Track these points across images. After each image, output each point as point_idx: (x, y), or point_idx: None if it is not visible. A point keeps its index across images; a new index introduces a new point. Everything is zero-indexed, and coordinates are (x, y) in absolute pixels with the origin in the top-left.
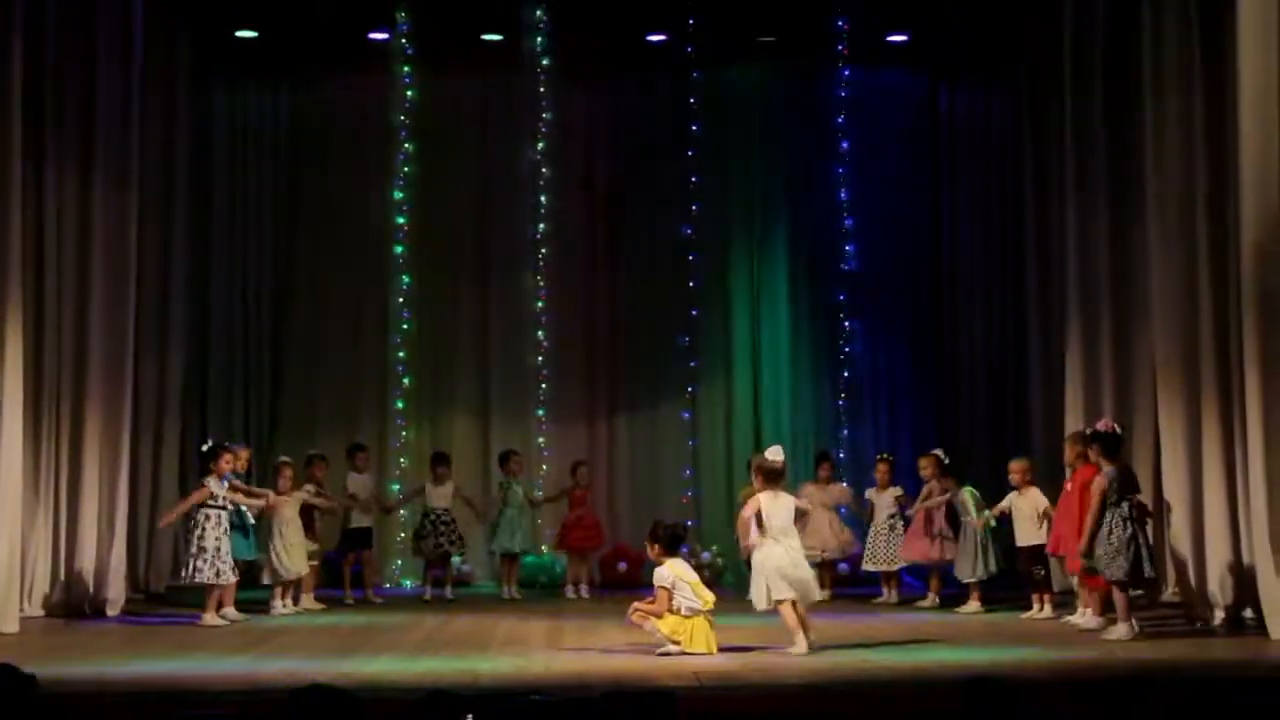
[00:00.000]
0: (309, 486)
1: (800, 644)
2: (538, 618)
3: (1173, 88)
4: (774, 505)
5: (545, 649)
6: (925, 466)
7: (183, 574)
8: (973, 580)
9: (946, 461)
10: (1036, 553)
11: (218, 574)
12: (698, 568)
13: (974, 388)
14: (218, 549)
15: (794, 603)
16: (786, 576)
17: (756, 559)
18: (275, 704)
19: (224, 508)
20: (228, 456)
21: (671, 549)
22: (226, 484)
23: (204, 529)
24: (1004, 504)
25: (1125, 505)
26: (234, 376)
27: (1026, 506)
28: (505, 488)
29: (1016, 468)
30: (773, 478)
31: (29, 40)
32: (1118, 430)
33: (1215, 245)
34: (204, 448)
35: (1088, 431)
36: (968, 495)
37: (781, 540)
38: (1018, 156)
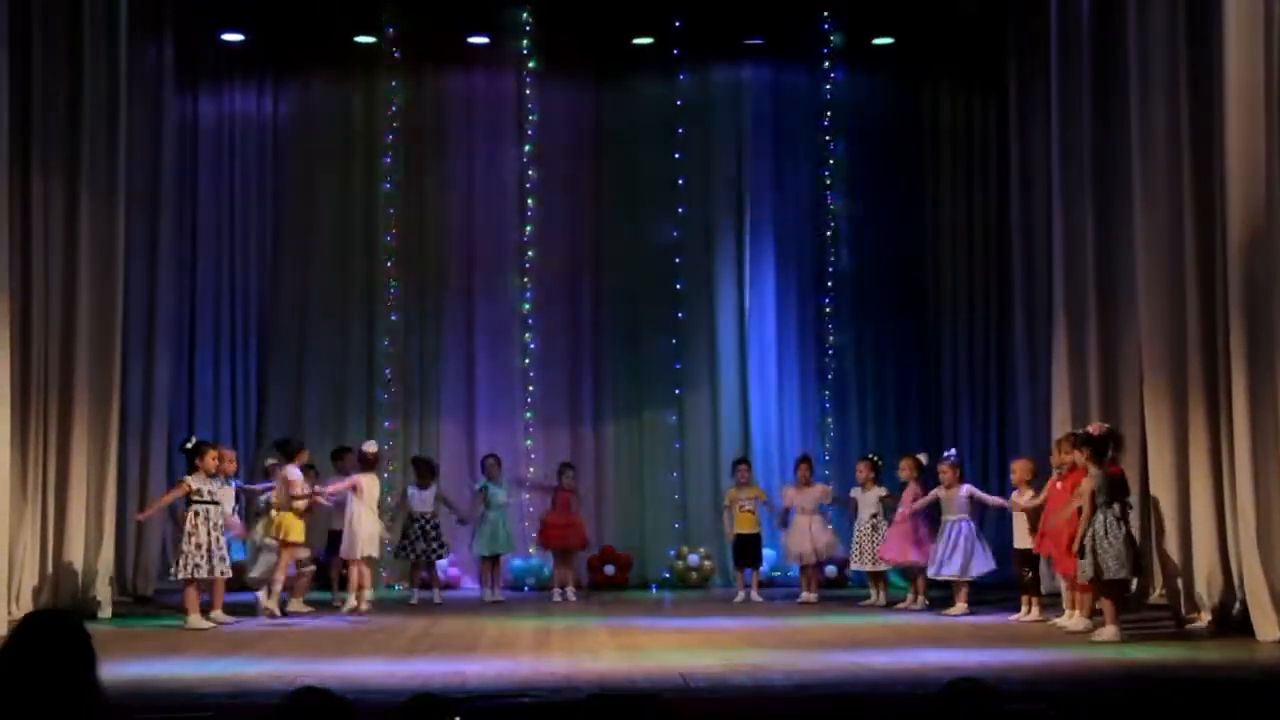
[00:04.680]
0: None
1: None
2: (525, 620)
3: (1159, 85)
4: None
5: (532, 651)
6: (905, 468)
7: (173, 571)
8: (960, 580)
9: (925, 463)
10: (1028, 554)
11: (212, 569)
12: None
13: (959, 390)
14: (211, 544)
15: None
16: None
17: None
18: (262, 706)
19: (214, 503)
20: (213, 454)
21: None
22: (233, 486)
23: (195, 525)
24: (1006, 502)
25: (1117, 506)
26: (221, 378)
27: (1025, 508)
28: (484, 490)
29: (1020, 467)
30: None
31: (15, 43)
32: (1112, 432)
33: (1202, 244)
34: (187, 445)
35: (1079, 433)
36: (973, 491)
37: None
38: (1003, 158)
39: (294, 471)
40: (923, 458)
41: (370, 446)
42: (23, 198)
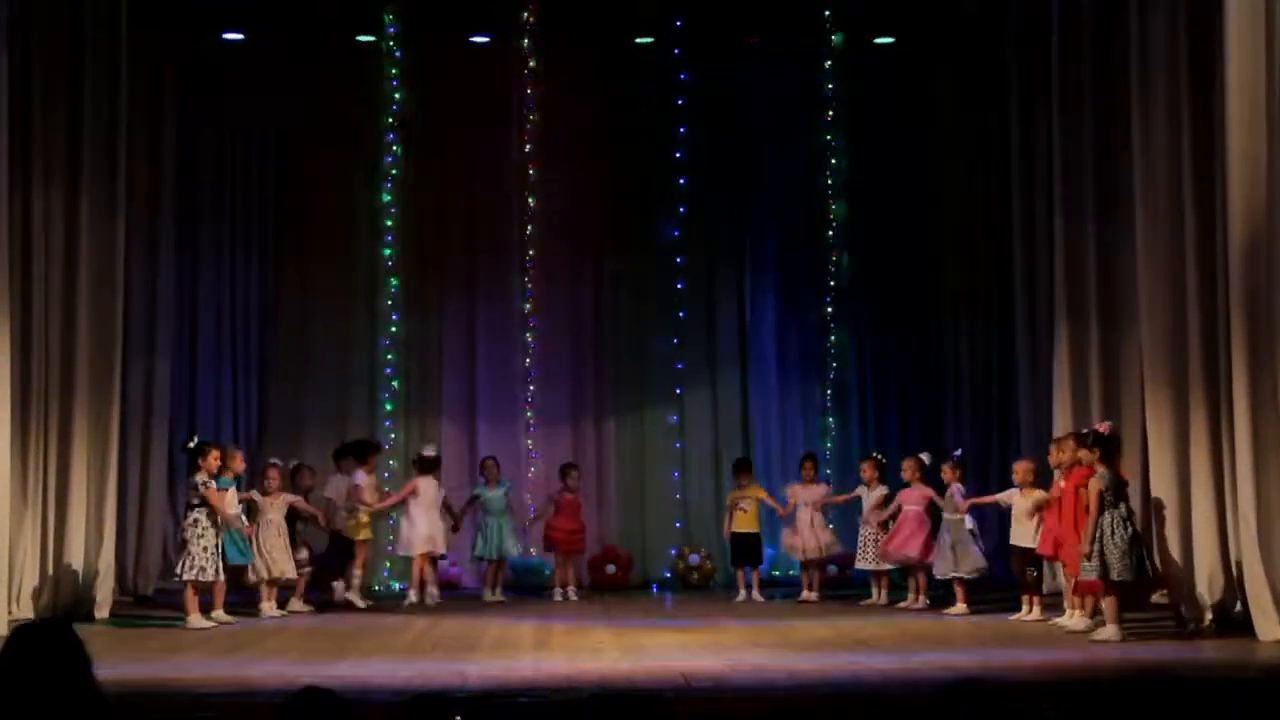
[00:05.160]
0: (295, 497)
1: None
2: (526, 620)
3: (1160, 84)
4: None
5: (533, 651)
6: (907, 469)
7: (178, 572)
8: (955, 577)
9: (928, 463)
10: (1030, 554)
11: (217, 570)
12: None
13: (961, 389)
14: (216, 545)
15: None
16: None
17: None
18: (263, 706)
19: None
20: (215, 455)
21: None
22: (227, 489)
23: (202, 527)
24: (1002, 496)
25: (1123, 507)
26: (222, 379)
27: (1027, 507)
28: (476, 499)
29: (1021, 467)
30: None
31: (15, 43)
32: (1114, 431)
33: (1203, 245)
34: (190, 445)
35: (1086, 432)
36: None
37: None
38: (1005, 158)
39: (360, 477)
40: (924, 457)
41: (430, 450)
42: (23, 198)
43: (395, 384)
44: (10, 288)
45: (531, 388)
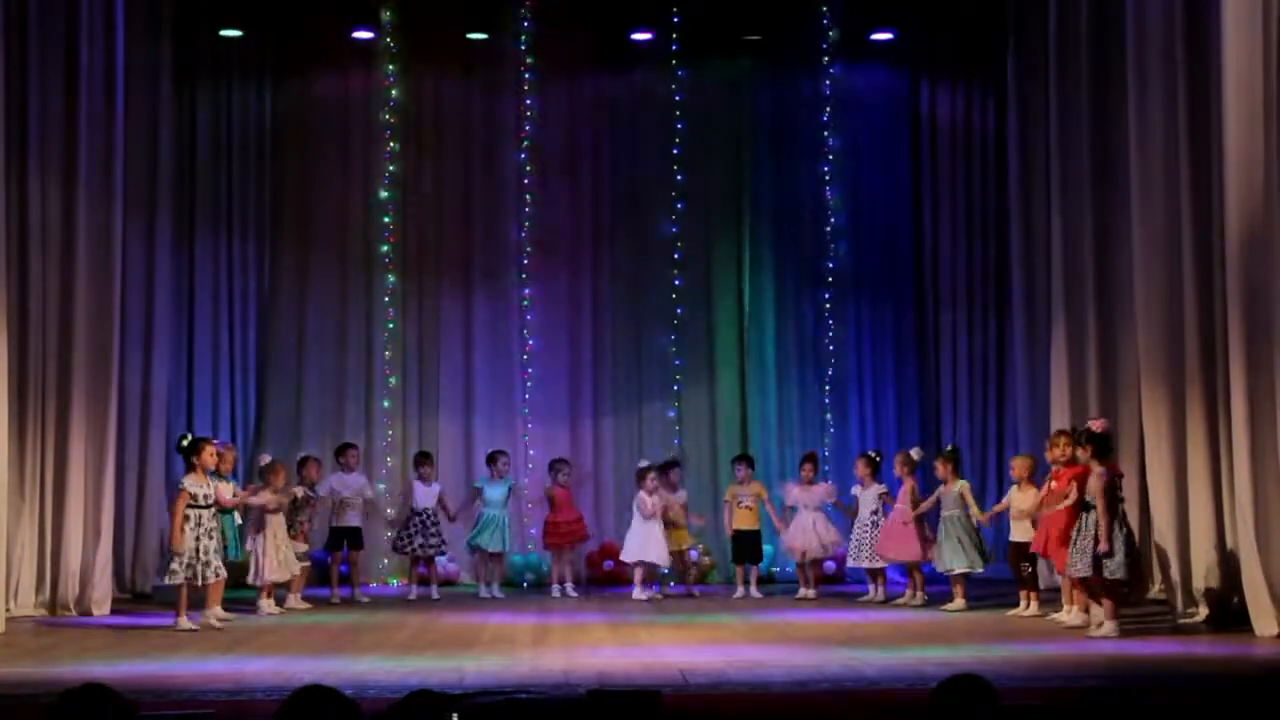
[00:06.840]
0: (299, 488)
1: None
2: (524, 616)
3: (1157, 83)
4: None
5: (531, 647)
6: (898, 464)
7: (171, 572)
8: (955, 573)
9: (918, 459)
10: (1026, 549)
11: (194, 575)
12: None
13: (959, 386)
14: (195, 550)
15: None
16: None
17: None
18: (262, 703)
19: (205, 507)
20: (210, 449)
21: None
22: (230, 483)
23: (191, 525)
24: (1003, 503)
25: (1118, 506)
26: (219, 376)
27: (1024, 503)
28: (480, 489)
29: (1019, 464)
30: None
31: (11, 40)
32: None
33: (1199, 240)
34: (183, 442)
35: (1079, 430)
36: (965, 488)
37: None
38: (1002, 154)
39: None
40: (914, 453)
41: (644, 464)
42: (20, 195)
43: (393, 381)
44: (7, 283)
45: (529, 385)
